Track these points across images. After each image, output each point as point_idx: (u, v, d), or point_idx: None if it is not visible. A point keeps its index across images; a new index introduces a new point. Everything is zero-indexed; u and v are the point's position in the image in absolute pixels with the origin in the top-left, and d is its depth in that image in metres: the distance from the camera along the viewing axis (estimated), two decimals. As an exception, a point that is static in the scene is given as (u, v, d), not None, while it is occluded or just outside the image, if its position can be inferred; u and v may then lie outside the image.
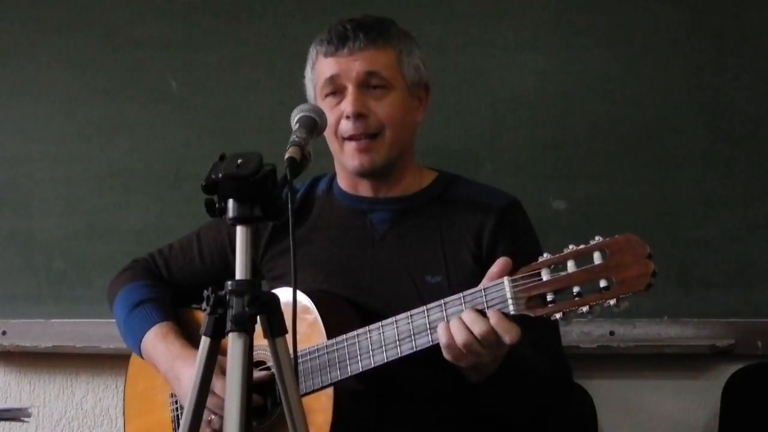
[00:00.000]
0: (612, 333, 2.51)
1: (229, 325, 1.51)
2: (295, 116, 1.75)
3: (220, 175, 1.53)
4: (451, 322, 1.71)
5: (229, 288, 1.52)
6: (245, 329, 1.50)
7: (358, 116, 1.97)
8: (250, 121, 2.79)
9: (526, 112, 2.59)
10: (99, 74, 2.91)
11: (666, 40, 2.51)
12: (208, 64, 2.84)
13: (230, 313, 1.51)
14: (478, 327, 1.68)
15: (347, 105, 1.97)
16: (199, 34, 2.85)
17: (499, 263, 1.72)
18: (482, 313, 1.70)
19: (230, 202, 1.54)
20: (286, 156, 1.62)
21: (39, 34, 2.96)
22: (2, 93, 3.01)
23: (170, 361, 2.03)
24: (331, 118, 1.97)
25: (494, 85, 2.62)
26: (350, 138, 1.99)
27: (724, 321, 2.46)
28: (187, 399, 1.57)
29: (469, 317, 1.70)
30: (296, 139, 1.66)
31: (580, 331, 2.51)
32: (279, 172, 1.57)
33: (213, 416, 1.93)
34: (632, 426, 2.55)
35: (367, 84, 1.99)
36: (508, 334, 1.67)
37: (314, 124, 1.74)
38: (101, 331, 2.80)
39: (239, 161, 1.53)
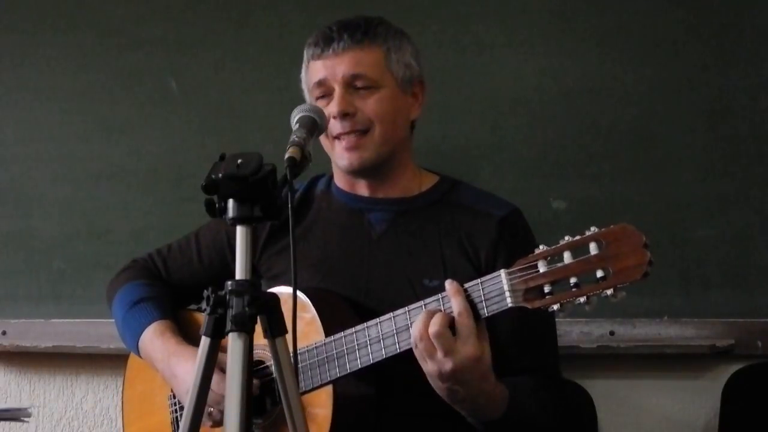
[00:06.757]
0: (612, 333, 2.51)
1: (229, 325, 1.51)
2: (295, 116, 1.76)
3: (220, 175, 1.53)
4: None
5: (229, 288, 1.52)
6: (245, 329, 1.50)
7: (345, 115, 1.98)
8: (250, 121, 2.79)
9: (526, 112, 2.59)
10: (99, 74, 2.91)
11: (666, 40, 2.51)
12: (208, 64, 2.83)
13: (230, 313, 1.51)
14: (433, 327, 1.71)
15: (333, 106, 1.99)
16: (199, 34, 2.85)
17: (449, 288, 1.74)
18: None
19: (230, 202, 1.54)
20: (286, 156, 1.62)
21: (39, 34, 2.96)
22: (2, 93, 3.00)
23: (166, 359, 2.04)
24: None
25: (494, 85, 2.61)
26: (339, 137, 2.00)
27: (724, 321, 2.46)
28: (187, 398, 1.57)
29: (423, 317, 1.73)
30: (296, 139, 1.67)
31: (580, 331, 2.51)
32: (279, 172, 1.57)
33: (212, 409, 1.93)
34: (632, 426, 2.55)
35: (353, 85, 2.00)
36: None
37: (314, 124, 1.75)
38: (101, 331, 2.80)
39: (239, 161, 1.53)
